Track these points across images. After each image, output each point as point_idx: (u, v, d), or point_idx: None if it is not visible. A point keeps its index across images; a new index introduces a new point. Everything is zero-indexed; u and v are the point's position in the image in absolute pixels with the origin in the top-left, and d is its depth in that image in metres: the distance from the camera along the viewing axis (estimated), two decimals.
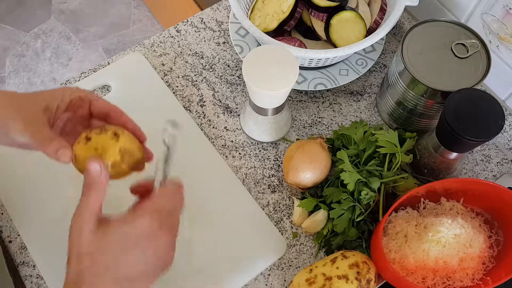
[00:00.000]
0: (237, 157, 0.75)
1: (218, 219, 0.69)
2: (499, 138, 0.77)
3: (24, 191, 0.70)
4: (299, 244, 0.69)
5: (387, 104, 0.75)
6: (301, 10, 0.79)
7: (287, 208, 0.72)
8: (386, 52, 0.86)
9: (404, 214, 0.63)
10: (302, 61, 0.73)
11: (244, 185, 0.73)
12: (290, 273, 0.67)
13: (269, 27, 0.78)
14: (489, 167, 0.76)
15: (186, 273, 0.65)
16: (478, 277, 0.59)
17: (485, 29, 0.72)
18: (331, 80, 0.78)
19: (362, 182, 0.65)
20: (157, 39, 0.86)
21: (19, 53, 1.97)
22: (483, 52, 0.66)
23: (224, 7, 0.90)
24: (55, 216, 0.68)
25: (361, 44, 0.70)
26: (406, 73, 0.66)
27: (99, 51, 1.99)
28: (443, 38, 0.67)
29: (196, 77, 0.82)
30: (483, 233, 0.61)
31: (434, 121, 0.70)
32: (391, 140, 0.67)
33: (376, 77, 0.83)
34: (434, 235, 0.58)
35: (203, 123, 0.78)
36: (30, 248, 0.67)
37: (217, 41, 0.86)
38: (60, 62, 1.96)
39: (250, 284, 0.66)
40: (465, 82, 0.64)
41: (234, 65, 0.84)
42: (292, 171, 0.68)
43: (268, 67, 0.63)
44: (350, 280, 0.58)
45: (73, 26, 2.04)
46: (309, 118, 0.79)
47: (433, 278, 0.59)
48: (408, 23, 0.85)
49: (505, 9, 0.67)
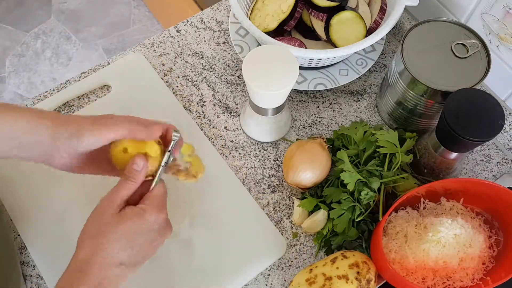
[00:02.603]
0: (237, 157, 0.75)
1: (218, 219, 0.69)
2: (499, 138, 0.77)
3: (24, 191, 0.70)
4: (299, 244, 0.69)
5: (387, 104, 0.75)
6: (301, 10, 0.79)
7: (287, 208, 0.72)
8: (386, 52, 0.86)
9: (404, 214, 0.63)
10: (302, 61, 0.73)
11: (244, 185, 0.73)
12: (290, 273, 0.67)
13: (269, 27, 0.78)
14: (489, 167, 0.76)
15: (186, 273, 0.65)
16: (478, 277, 0.59)
17: (485, 29, 0.72)
18: (331, 80, 0.78)
19: (362, 182, 0.65)
20: (157, 39, 0.86)
21: (19, 53, 1.97)
22: (483, 52, 0.66)
23: (224, 7, 0.90)
24: (55, 216, 0.69)
25: (361, 44, 0.70)
26: (406, 73, 0.66)
27: (99, 51, 1.99)
28: (443, 38, 0.67)
29: (196, 77, 0.82)
30: (483, 233, 0.61)
31: (434, 121, 0.70)
32: (391, 140, 0.67)
33: (376, 77, 0.83)
34: (434, 235, 0.58)
35: (203, 123, 0.78)
36: (30, 248, 0.67)
37: (217, 41, 0.86)
38: (60, 62, 1.96)
39: (250, 284, 0.66)
40: (465, 82, 0.64)
41: (234, 65, 0.84)
42: (292, 171, 0.68)
43: (268, 67, 0.63)
44: (350, 280, 0.58)
45: (73, 26, 2.04)
46: (309, 118, 0.79)
47: (433, 278, 0.59)
48: (408, 23, 0.85)
49: (505, 9, 0.67)
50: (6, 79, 1.91)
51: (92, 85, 0.79)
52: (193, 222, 0.68)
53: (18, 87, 1.90)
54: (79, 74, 0.82)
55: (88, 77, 0.80)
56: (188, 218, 0.69)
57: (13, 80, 1.91)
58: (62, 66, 1.95)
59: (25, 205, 0.69)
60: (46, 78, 1.92)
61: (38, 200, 0.70)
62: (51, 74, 1.93)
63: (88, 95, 0.80)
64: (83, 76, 0.81)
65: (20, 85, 1.90)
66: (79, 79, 0.81)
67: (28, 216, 0.68)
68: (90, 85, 0.79)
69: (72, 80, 0.81)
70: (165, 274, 0.65)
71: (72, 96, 0.78)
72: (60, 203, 0.69)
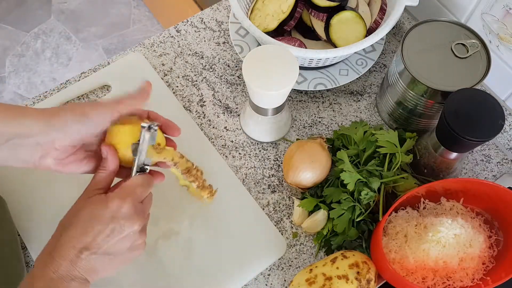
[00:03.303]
0: (237, 157, 0.75)
1: (218, 219, 0.69)
2: (499, 138, 0.77)
3: (24, 190, 0.70)
4: (299, 244, 0.69)
5: (387, 104, 0.75)
6: (301, 10, 0.79)
7: (287, 208, 0.72)
8: (386, 52, 0.86)
9: (404, 214, 0.63)
10: (302, 61, 0.73)
11: (244, 185, 0.73)
12: (290, 273, 0.67)
13: (269, 27, 0.78)
14: (489, 167, 0.76)
15: (186, 273, 0.65)
16: (478, 277, 0.59)
17: (485, 29, 0.72)
18: (331, 80, 0.78)
19: (362, 182, 0.65)
20: (157, 39, 0.86)
21: (19, 53, 1.97)
22: (483, 52, 0.66)
23: (224, 7, 0.90)
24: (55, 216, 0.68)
25: (361, 44, 0.70)
26: (406, 73, 0.66)
27: (99, 51, 1.99)
28: (443, 38, 0.67)
29: (196, 77, 0.82)
30: (483, 233, 0.61)
31: (434, 121, 0.70)
32: (391, 140, 0.67)
33: (376, 77, 0.83)
34: (434, 235, 0.58)
35: (203, 123, 0.78)
36: (30, 248, 0.67)
37: (217, 41, 0.86)
38: (60, 62, 1.96)
39: (250, 284, 0.66)
40: (465, 82, 0.64)
41: (234, 65, 0.84)
42: (292, 171, 0.68)
43: (268, 67, 0.63)
44: (350, 280, 0.58)
45: (73, 26, 2.04)
46: (309, 118, 0.79)
47: (433, 278, 0.59)
48: (408, 23, 0.85)
49: (505, 9, 0.67)
50: (6, 79, 1.91)
51: (92, 85, 0.79)
52: (193, 222, 0.68)
53: (18, 87, 1.90)
54: (79, 74, 0.82)
55: (88, 77, 0.80)
56: (188, 218, 0.69)
57: (13, 80, 1.91)
58: (62, 66, 1.95)
59: (25, 205, 0.69)
60: (46, 78, 1.92)
61: (38, 200, 0.70)
62: (51, 74, 1.93)
63: (88, 95, 0.80)
64: (83, 76, 0.81)
65: (20, 85, 1.90)
66: (79, 79, 0.81)
67: (28, 216, 0.68)
68: (90, 85, 0.79)
69: (72, 80, 0.81)
70: (165, 274, 0.65)
71: (72, 96, 0.78)
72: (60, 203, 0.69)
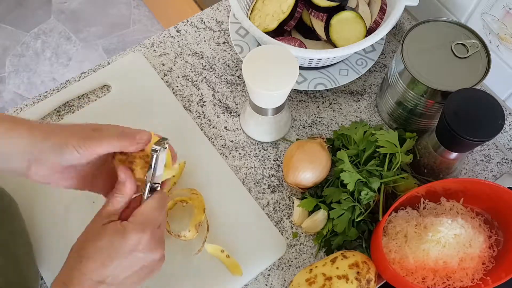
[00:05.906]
0: (237, 157, 0.75)
1: (218, 219, 0.69)
2: (499, 138, 0.77)
3: (25, 191, 0.70)
4: (299, 244, 0.69)
5: (387, 104, 0.75)
6: (301, 10, 0.79)
7: (287, 208, 0.72)
8: (386, 52, 0.86)
9: (404, 214, 0.63)
10: (302, 61, 0.73)
11: (244, 185, 0.73)
12: (290, 273, 0.67)
13: (269, 27, 0.78)
14: (489, 167, 0.76)
15: (186, 273, 0.65)
16: (478, 277, 0.59)
17: (485, 29, 0.72)
18: (331, 80, 0.78)
19: (362, 182, 0.65)
20: (157, 39, 0.86)
21: (19, 53, 1.97)
22: (483, 52, 0.66)
23: (224, 7, 0.90)
24: (56, 216, 0.69)
25: (361, 44, 0.70)
26: (406, 73, 0.66)
27: (99, 51, 1.99)
28: (443, 38, 0.67)
29: (196, 77, 0.82)
30: (483, 233, 0.61)
31: (434, 121, 0.70)
32: (391, 140, 0.67)
33: (376, 77, 0.83)
34: (434, 235, 0.58)
35: (203, 123, 0.78)
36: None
37: (217, 41, 0.86)
38: (60, 62, 1.96)
39: (250, 284, 0.66)
40: (465, 82, 0.64)
41: (234, 65, 0.84)
42: (292, 171, 0.68)
43: (268, 67, 0.63)
44: (350, 280, 0.58)
45: (73, 26, 2.04)
46: (309, 118, 0.79)
47: (433, 278, 0.59)
48: (408, 23, 0.85)
49: (505, 9, 0.67)
50: (6, 79, 1.91)
51: (92, 85, 0.79)
52: None
53: (18, 87, 1.90)
54: (79, 74, 0.82)
55: (88, 77, 0.80)
56: (188, 218, 0.69)
57: (13, 80, 1.91)
58: (62, 66, 1.95)
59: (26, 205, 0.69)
60: (46, 78, 1.92)
61: (38, 200, 0.69)
62: (51, 74, 1.93)
63: (88, 95, 0.80)
64: (83, 76, 0.81)
65: (20, 85, 1.90)
66: (79, 79, 0.81)
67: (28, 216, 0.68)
68: (90, 85, 0.79)
69: (72, 80, 0.81)
70: (165, 274, 0.65)
71: (72, 96, 0.78)
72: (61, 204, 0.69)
